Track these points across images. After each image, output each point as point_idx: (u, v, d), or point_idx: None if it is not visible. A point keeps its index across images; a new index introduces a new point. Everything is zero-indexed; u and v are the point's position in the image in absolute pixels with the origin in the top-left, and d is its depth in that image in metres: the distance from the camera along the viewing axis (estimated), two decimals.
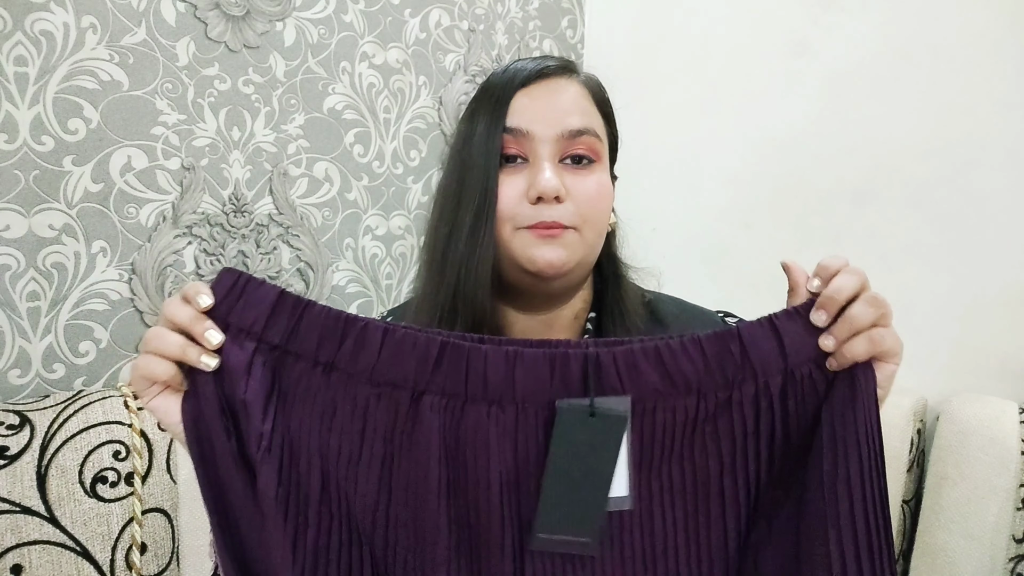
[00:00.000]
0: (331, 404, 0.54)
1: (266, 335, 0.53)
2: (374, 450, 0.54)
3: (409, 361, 0.53)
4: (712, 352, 0.54)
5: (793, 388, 0.54)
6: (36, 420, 0.89)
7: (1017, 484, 1.04)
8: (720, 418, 0.55)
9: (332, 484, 0.54)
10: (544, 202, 0.67)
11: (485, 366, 0.53)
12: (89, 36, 1.00)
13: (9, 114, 0.95)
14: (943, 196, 1.25)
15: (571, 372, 0.53)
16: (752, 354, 0.54)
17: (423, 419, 0.53)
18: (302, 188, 1.25)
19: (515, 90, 0.70)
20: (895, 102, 1.29)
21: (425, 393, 0.53)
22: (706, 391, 0.54)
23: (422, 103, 1.42)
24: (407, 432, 0.54)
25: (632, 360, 0.53)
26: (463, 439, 0.54)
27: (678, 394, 0.54)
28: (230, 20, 1.14)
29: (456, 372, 0.53)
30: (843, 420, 0.53)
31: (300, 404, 0.54)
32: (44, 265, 0.99)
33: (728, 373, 0.54)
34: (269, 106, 1.20)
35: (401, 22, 1.36)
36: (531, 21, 1.60)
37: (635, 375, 0.53)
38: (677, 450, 0.55)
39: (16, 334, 0.98)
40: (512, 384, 0.53)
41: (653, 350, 0.53)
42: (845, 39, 1.35)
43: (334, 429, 0.54)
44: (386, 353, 0.53)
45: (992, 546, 1.04)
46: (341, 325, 0.53)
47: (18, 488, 0.84)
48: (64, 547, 0.85)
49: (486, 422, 0.53)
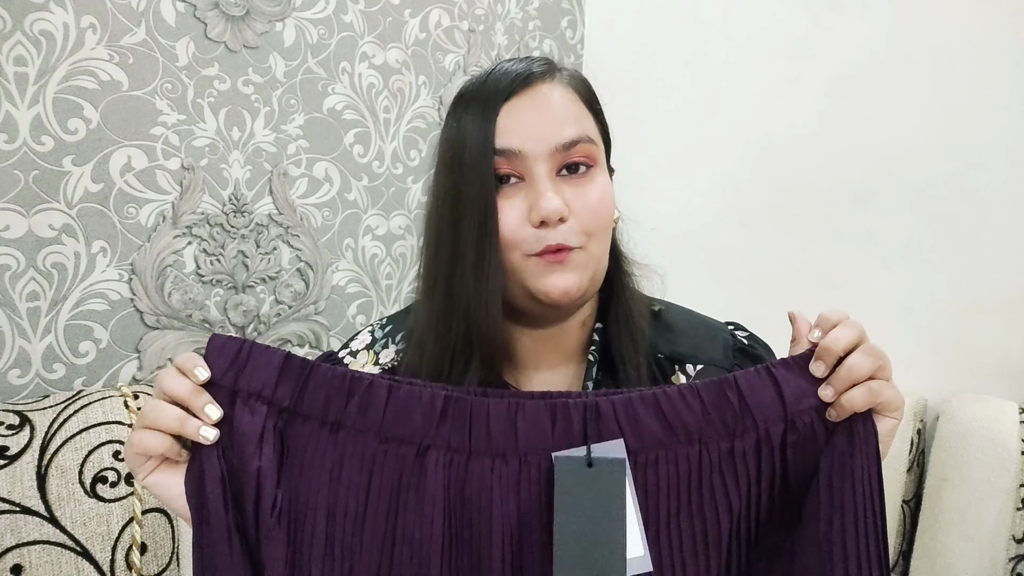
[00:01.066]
0: (339, 461, 0.55)
1: (276, 398, 0.55)
2: (379, 506, 0.55)
3: (415, 416, 0.54)
4: (710, 400, 0.55)
5: (795, 437, 0.55)
6: (36, 420, 0.89)
7: (1017, 484, 1.04)
8: (725, 469, 0.55)
9: (336, 545, 0.55)
10: (547, 225, 0.64)
11: (488, 419, 0.54)
12: (89, 36, 1.00)
13: (9, 114, 0.95)
14: (943, 196, 1.25)
15: (572, 421, 0.54)
16: (751, 402, 0.55)
17: (428, 474, 0.54)
18: (302, 188, 1.25)
19: (500, 103, 0.66)
20: (895, 103, 1.29)
21: (431, 448, 0.54)
22: (708, 440, 0.55)
23: (422, 103, 1.42)
24: (413, 487, 0.55)
25: (632, 409, 0.54)
26: (467, 494, 0.54)
27: (679, 443, 0.55)
28: (230, 20, 1.14)
29: (460, 426, 0.54)
30: (841, 474, 0.54)
31: (309, 464, 0.55)
32: (44, 265, 0.99)
33: (728, 422, 0.55)
34: (269, 106, 1.20)
35: (401, 22, 1.36)
36: (531, 21, 1.60)
37: (635, 424, 0.54)
38: (684, 505, 0.55)
39: (16, 334, 0.98)
40: (515, 435, 0.54)
41: (651, 398, 0.54)
42: (846, 40, 1.35)
43: (341, 485, 0.55)
44: (392, 409, 0.54)
45: (992, 546, 1.04)
46: (347, 384, 0.55)
47: (18, 488, 0.84)
48: (64, 547, 0.85)
49: (490, 477, 0.54)
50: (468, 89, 0.70)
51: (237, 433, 0.54)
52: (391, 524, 0.55)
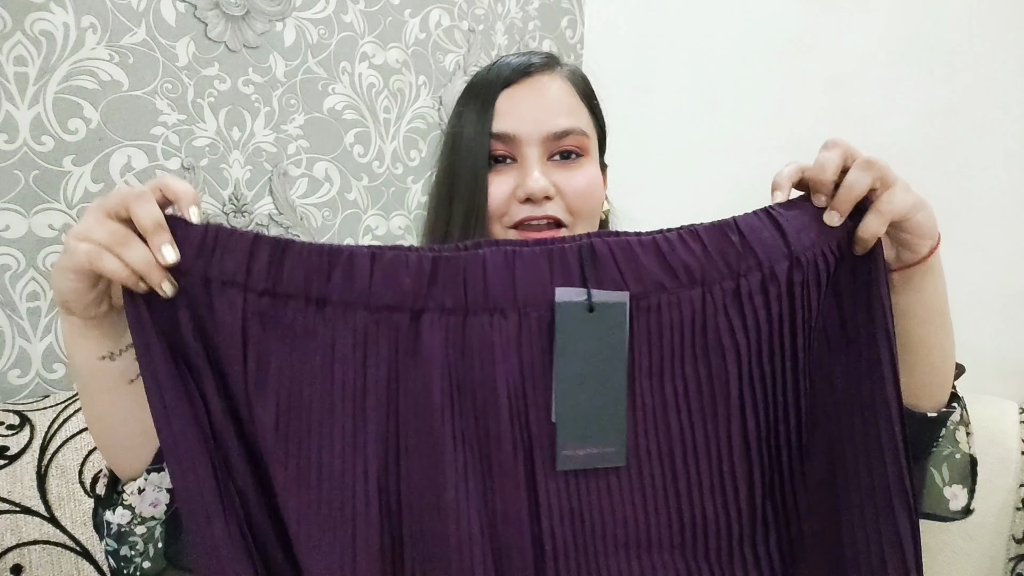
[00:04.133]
0: (330, 339, 0.52)
1: (250, 283, 0.51)
2: (379, 378, 0.52)
3: (403, 281, 0.52)
4: (711, 241, 0.53)
5: (800, 275, 0.53)
6: (36, 420, 0.89)
7: (1017, 484, 1.04)
8: (731, 311, 0.53)
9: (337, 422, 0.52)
10: (533, 202, 0.68)
11: (484, 271, 0.52)
12: (89, 36, 1.00)
13: (9, 114, 0.95)
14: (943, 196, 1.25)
15: (570, 267, 0.52)
16: (753, 242, 0.53)
17: (424, 338, 0.52)
18: (302, 188, 1.25)
19: (499, 90, 0.70)
20: (894, 102, 1.29)
21: (424, 312, 0.52)
22: (711, 282, 0.53)
23: (422, 103, 1.42)
24: (410, 354, 0.52)
25: (629, 251, 0.52)
26: (467, 354, 0.52)
27: (681, 286, 0.52)
28: (230, 20, 1.14)
29: (454, 285, 0.52)
30: (853, 305, 0.53)
31: (300, 346, 0.52)
32: (44, 265, 0.99)
33: (731, 262, 0.53)
34: (269, 106, 1.20)
35: (401, 22, 1.36)
36: (531, 21, 1.60)
37: (634, 266, 0.52)
38: (689, 350, 0.54)
39: (16, 334, 0.98)
40: (512, 287, 0.52)
41: (650, 242, 0.53)
42: (845, 40, 1.35)
43: (336, 364, 0.52)
44: (378, 277, 0.51)
45: (992, 546, 1.04)
46: (326, 258, 0.51)
47: (18, 488, 0.84)
48: (64, 547, 0.85)
49: (489, 332, 0.52)
50: (473, 80, 0.75)
51: (219, 323, 0.51)
52: (392, 394, 0.53)
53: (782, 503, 0.56)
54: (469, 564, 0.52)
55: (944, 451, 0.63)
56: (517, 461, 0.53)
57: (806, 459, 0.56)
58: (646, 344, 0.53)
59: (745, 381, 0.54)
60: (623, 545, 0.54)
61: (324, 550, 0.53)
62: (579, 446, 0.52)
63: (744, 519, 0.55)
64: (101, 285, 0.52)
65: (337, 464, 0.52)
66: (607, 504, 0.54)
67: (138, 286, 0.50)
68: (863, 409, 0.53)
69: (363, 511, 0.53)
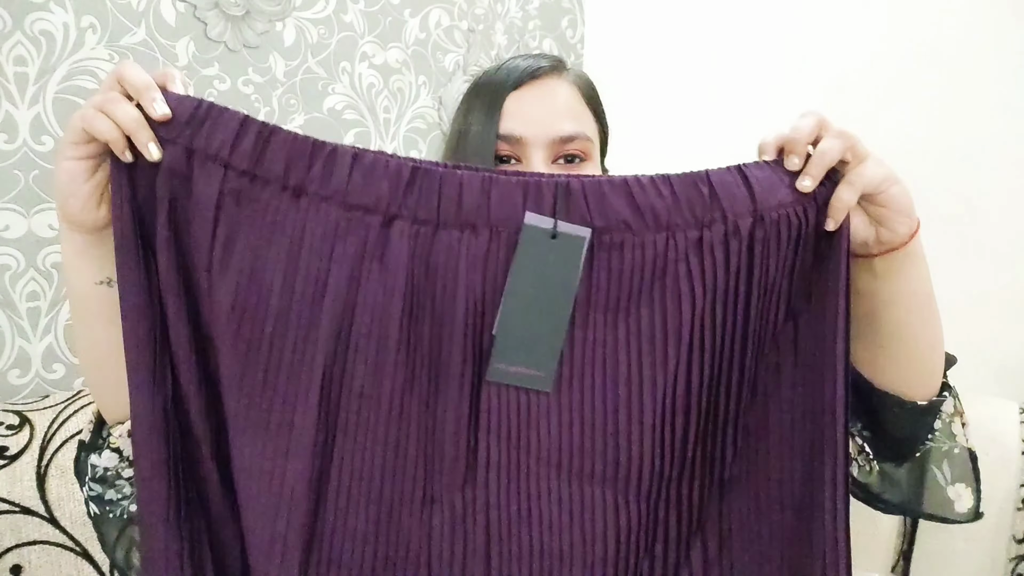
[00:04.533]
0: (300, 228, 0.53)
1: (233, 160, 0.52)
2: (341, 274, 0.53)
3: (380, 184, 0.52)
4: (680, 189, 0.54)
5: (762, 232, 0.54)
6: (36, 420, 0.89)
7: (1017, 484, 1.04)
8: (692, 258, 0.54)
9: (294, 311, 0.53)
10: None
11: (460, 190, 0.53)
12: (89, 36, 1.00)
13: (9, 114, 0.95)
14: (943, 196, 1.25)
15: (543, 197, 0.53)
16: (721, 195, 0.54)
17: (392, 245, 0.53)
18: None
19: (508, 92, 0.71)
20: (895, 103, 1.29)
21: (396, 218, 0.53)
22: (675, 229, 0.54)
23: (422, 103, 1.42)
24: (376, 257, 0.53)
25: (600, 190, 0.54)
26: (432, 266, 0.53)
27: (647, 229, 0.54)
28: (230, 20, 1.14)
29: (429, 196, 0.53)
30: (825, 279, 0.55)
31: (268, 229, 0.53)
32: (44, 265, 0.99)
33: (697, 211, 0.54)
34: (269, 106, 1.20)
35: (401, 22, 1.36)
36: (531, 21, 1.60)
37: (603, 204, 0.54)
38: (647, 292, 0.55)
39: (16, 334, 0.98)
40: (487, 207, 0.53)
41: (621, 183, 0.54)
42: (846, 40, 1.35)
43: (303, 252, 0.53)
44: (357, 176, 0.52)
45: (992, 546, 1.04)
46: (309, 148, 0.53)
47: (18, 488, 0.84)
48: (64, 547, 0.85)
49: (457, 248, 0.53)
50: (480, 80, 0.75)
51: (194, 195, 0.52)
52: (352, 292, 0.53)
53: (711, 449, 0.58)
54: (402, 463, 0.54)
55: (942, 447, 0.62)
56: (464, 373, 0.54)
57: (742, 411, 0.57)
58: (605, 280, 0.54)
59: (696, 328, 0.55)
60: (556, 467, 0.56)
61: (261, 432, 0.54)
62: (511, 363, 0.54)
63: (675, 461, 0.56)
64: (99, 175, 0.53)
65: (288, 352, 0.54)
66: (544, 427, 0.55)
67: (125, 153, 0.51)
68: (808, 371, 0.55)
69: (303, 398, 0.54)
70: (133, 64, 0.52)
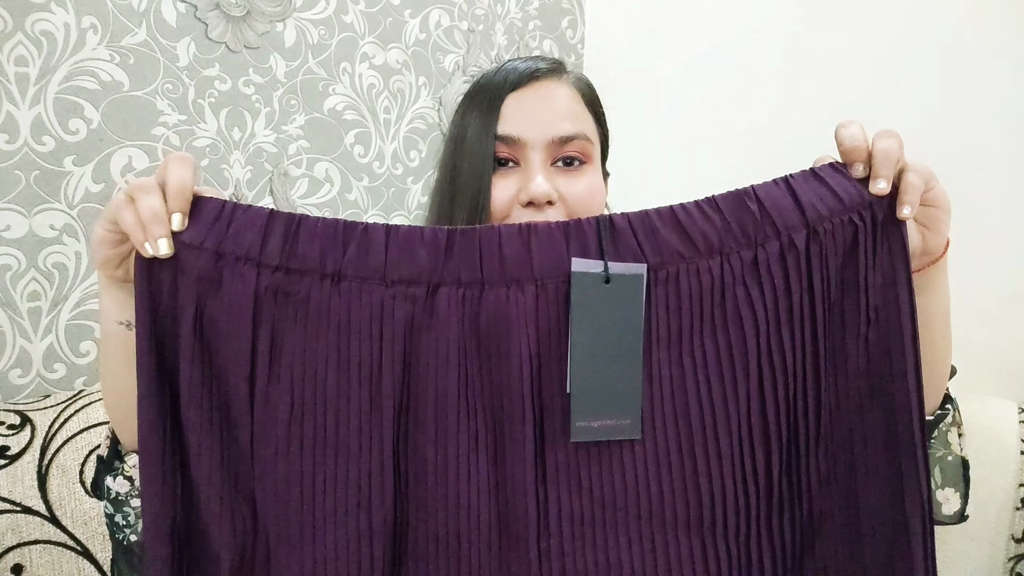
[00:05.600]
0: (345, 314, 0.52)
1: (264, 258, 0.51)
2: (395, 353, 0.52)
3: (419, 254, 0.52)
4: (729, 209, 0.53)
5: (817, 244, 0.53)
6: (37, 420, 0.89)
7: (1017, 484, 1.04)
8: (749, 280, 0.53)
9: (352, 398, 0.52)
10: (535, 206, 0.68)
11: (500, 244, 0.52)
12: (90, 36, 1.00)
13: (10, 114, 0.95)
14: None
15: (587, 238, 0.52)
16: (771, 210, 0.53)
17: (440, 313, 0.52)
18: (302, 188, 1.26)
19: (506, 93, 0.71)
20: (895, 102, 1.29)
21: (441, 285, 0.52)
22: (729, 251, 0.53)
23: (422, 104, 1.42)
24: (425, 328, 0.52)
25: (649, 223, 0.52)
26: (483, 327, 0.52)
27: (700, 256, 0.53)
28: (230, 21, 1.15)
29: (470, 257, 0.52)
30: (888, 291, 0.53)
31: (313, 322, 0.52)
32: (45, 265, 0.99)
33: (749, 231, 0.53)
34: (269, 106, 1.20)
35: (401, 23, 1.37)
36: (531, 21, 1.60)
37: (654, 238, 0.52)
38: (708, 320, 0.53)
39: (17, 334, 0.98)
40: (529, 258, 0.52)
41: (669, 213, 0.53)
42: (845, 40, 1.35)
43: (352, 338, 0.52)
44: (394, 251, 0.52)
45: (992, 546, 1.04)
46: (340, 231, 0.52)
47: (19, 488, 0.84)
48: (65, 547, 0.86)
49: (505, 305, 0.52)
50: (479, 81, 0.75)
51: (227, 301, 0.51)
52: (407, 369, 0.53)
53: (797, 480, 0.55)
54: (476, 521, 0.53)
55: (936, 453, 0.63)
56: (526, 429, 0.53)
57: (823, 438, 0.55)
58: (664, 314, 0.53)
59: (764, 353, 0.53)
60: (635, 517, 0.53)
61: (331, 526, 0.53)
62: (594, 418, 0.52)
63: (761, 495, 0.54)
64: (122, 247, 0.53)
65: (354, 441, 0.53)
66: (619, 477, 0.53)
67: (143, 246, 0.50)
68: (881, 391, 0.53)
69: (378, 484, 0.53)
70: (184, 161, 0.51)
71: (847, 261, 0.54)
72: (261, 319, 0.52)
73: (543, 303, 0.52)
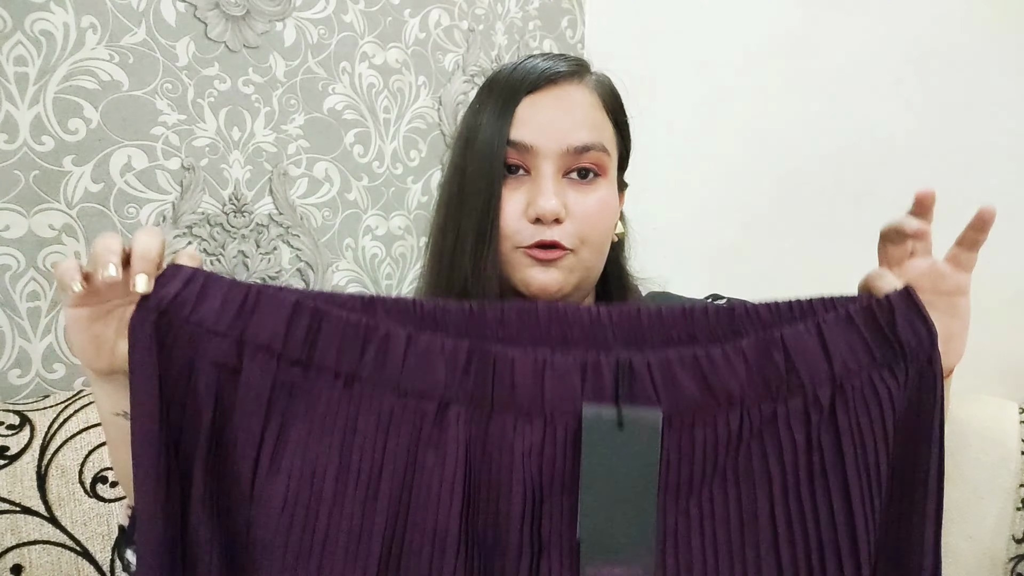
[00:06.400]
0: (352, 419, 0.50)
1: (286, 350, 0.50)
2: (396, 465, 0.50)
3: (437, 368, 0.50)
4: (755, 360, 0.50)
5: (843, 401, 0.50)
6: (36, 420, 0.89)
7: (1017, 484, 1.04)
8: (767, 435, 0.51)
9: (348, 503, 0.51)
10: (542, 223, 0.65)
11: (513, 374, 0.50)
12: (89, 36, 1.00)
13: (9, 114, 0.95)
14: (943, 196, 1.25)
15: (603, 379, 0.50)
16: (797, 361, 0.50)
17: (448, 432, 0.50)
18: (302, 188, 1.25)
19: (522, 95, 0.67)
20: (895, 102, 1.29)
21: (451, 403, 0.50)
22: (749, 404, 0.50)
23: (422, 103, 1.42)
24: (431, 445, 0.51)
25: (669, 370, 0.50)
26: (487, 453, 0.51)
27: (718, 407, 0.50)
28: (230, 20, 1.14)
29: (483, 379, 0.50)
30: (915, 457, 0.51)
31: (320, 420, 0.50)
32: (44, 265, 0.99)
33: (772, 383, 0.50)
34: (269, 106, 1.20)
35: (401, 22, 1.36)
36: (531, 21, 1.60)
37: (671, 386, 0.50)
38: (720, 472, 0.51)
39: (16, 334, 0.98)
40: (541, 392, 0.50)
41: (691, 360, 0.50)
42: (845, 39, 1.35)
43: (355, 445, 0.50)
44: (411, 360, 0.50)
45: (992, 546, 1.04)
46: (362, 332, 0.50)
47: (18, 488, 0.84)
48: (64, 547, 0.85)
49: (511, 436, 0.50)
50: (496, 77, 0.71)
51: (244, 389, 0.50)
52: (406, 487, 0.50)
53: None
54: None
55: None
56: (521, 565, 0.51)
57: None
58: (675, 461, 0.51)
59: (779, 514, 0.51)
60: None
61: None
62: (604, 563, 0.50)
63: None
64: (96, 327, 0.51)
65: (340, 551, 0.50)
66: None
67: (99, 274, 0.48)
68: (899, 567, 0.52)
69: None
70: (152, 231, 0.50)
71: (874, 419, 0.51)
72: (272, 412, 0.50)
73: (549, 439, 0.50)
